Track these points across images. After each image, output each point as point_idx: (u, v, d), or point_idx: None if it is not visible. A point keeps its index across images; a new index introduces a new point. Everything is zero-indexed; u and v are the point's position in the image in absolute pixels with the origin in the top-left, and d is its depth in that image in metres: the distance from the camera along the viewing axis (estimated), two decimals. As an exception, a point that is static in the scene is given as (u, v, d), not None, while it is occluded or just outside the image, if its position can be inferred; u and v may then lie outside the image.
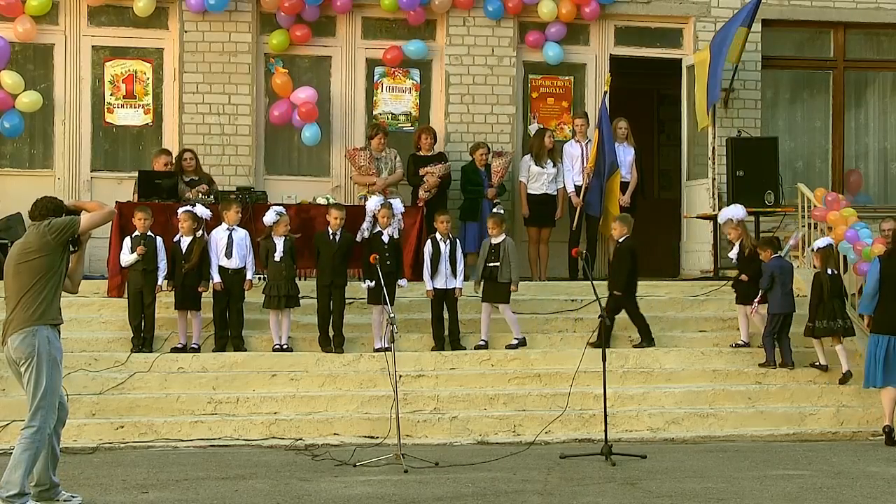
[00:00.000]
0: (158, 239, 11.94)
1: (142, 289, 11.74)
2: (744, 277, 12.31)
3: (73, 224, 7.57)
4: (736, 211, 12.84)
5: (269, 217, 11.96)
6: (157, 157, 13.48)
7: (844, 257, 13.06)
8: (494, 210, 13.02)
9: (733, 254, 12.68)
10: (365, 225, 12.37)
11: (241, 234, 12.05)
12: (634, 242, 12.51)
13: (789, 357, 12.04)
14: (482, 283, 12.23)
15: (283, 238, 11.92)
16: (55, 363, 7.57)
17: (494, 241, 12.29)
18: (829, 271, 12.01)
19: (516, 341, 12.14)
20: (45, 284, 7.55)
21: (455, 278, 12.17)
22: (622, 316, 12.50)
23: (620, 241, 12.47)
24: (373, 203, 12.28)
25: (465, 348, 12.10)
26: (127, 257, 11.84)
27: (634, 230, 12.99)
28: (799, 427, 11.35)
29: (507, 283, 12.18)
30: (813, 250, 12.43)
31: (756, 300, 12.21)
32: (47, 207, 7.75)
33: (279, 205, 12.39)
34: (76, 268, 7.91)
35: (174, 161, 13.49)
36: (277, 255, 11.86)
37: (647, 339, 12.22)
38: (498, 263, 12.17)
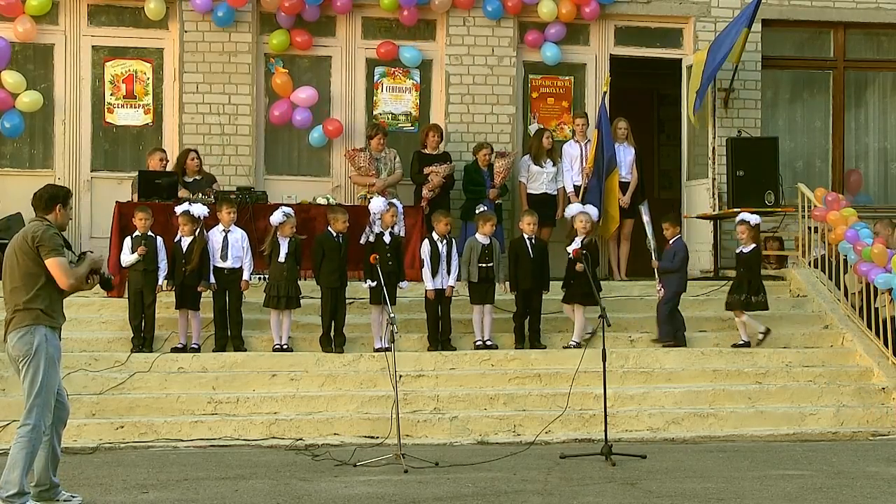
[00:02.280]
0: (158, 239, 11.95)
1: (142, 289, 11.74)
2: (579, 267, 12.09)
3: (63, 258, 7.52)
4: (592, 210, 12.88)
5: (277, 217, 11.95)
6: (152, 155, 13.51)
7: (845, 257, 13.06)
8: (483, 209, 12.89)
9: (577, 242, 12.40)
10: (374, 228, 12.19)
11: (237, 236, 12.04)
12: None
13: (683, 330, 12.46)
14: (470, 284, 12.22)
15: (289, 239, 11.92)
16: (53, 361, 7.56)
17: (485, 241, 12.29)
18: (752, 246, 12.55)
19: (490, 342, 12.19)
20: (42, 285, 7.52)
21: (449, 277, 12.19)
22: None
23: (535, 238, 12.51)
24: (378, 205, 12.19)
25: (455, 349, 12.10)
26: (127, 257, 11.84)
27: (635, 230, 12.96)
28: (799, 427, 11.34)
29: (495, 283, 12.26)
30: (748, 223, 12.61)
31: (660, 283, 12.49)
32: (42, 198, 7.71)
33: (286, 205, 12.37)
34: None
35: (168, 159, 13.52)
36: (281, 256, 11.86)
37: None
38: (493, 263, 12.20)
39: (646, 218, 13.00)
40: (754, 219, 12.68)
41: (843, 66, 16.03)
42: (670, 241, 12.61)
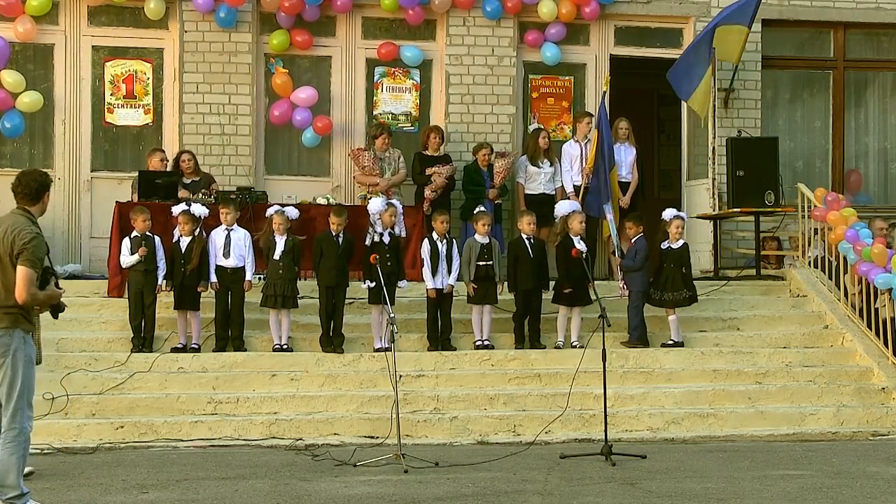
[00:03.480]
0: (157, 239, 11.95)
1: (142, 289, 11.73)
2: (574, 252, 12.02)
3: (36, 273, 7.31)
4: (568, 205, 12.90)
5: (271, 210, 12.02)
6: (152, 155, 13.53)
7: (844, 257, 13.06)
8: (481, 209, 12.87)
9: (577, 242, 12.34)
10: (377, 229, 12.10)
11: (239, 235, 12.05)
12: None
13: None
14: (472, 283, 12.20)
15: (285, 238, 11.92)
16: (30, 362, 7.43)
17: (483, 241, 12.28)
18: (681, 242, 12.56)
19: (488, 342, 12.17)
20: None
21: (449, 277, 12.19)
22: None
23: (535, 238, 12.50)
24: (377, 206, 12.18)
25: (455, 349, 12.10)
26: (127, 258, 11.84)
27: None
28: (799, 427, 11.34)
29: (495, 283, 12.24)
30: (683, 220, 12.73)
31: (622, 280, 12.53)
32: (31, 186, 7.46)
33: (286, 205, 12.37)
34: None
35: (168, 160, 13.54)
36: (277, 254, 11.86)
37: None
38: (491, 262, 12.20)
39: (609, 216, 13.08)
40: (685, 214, 13.02)
41: (843, 66, 16.04)
42: (632, 240, 12.61)
